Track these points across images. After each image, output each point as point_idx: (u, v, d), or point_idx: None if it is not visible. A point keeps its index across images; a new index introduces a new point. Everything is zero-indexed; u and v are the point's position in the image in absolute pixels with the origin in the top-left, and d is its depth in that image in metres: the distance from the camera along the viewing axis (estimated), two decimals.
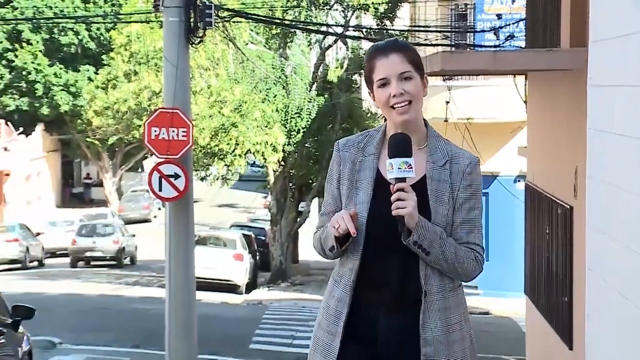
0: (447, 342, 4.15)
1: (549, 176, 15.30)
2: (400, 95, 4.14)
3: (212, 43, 38.98)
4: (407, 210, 3.97)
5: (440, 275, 4.14)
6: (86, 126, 57.07)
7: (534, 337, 16.90)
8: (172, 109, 15.51)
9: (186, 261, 15.84)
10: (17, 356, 12.52)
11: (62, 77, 58.03)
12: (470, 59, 17.83)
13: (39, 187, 64.24)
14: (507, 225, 28.37)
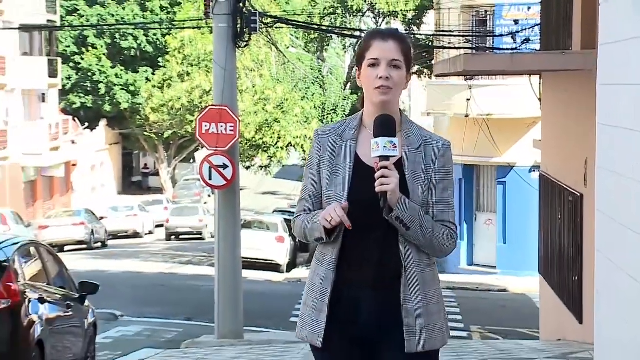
0: (427, 313, 4.03)
1: (561, 167, 15.22)
2: (386, 79, 4.03)
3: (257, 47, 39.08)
4: (391, 187, 3.87)
5: (418, 251, 4.03)
6: (144, 121, 57.29)
7: (547, 312, 16.84)
8: (220, 106, 15.52)
9: (233, 243, 15.87)
10: (84, 327, 12.59)
11: (123, 78, 58.28)
12: (490, 60, 17.76)
13: (102, 176, 64.58)
14: (523, 211, 28.27)
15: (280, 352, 12.40)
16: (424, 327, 4.02)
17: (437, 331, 4.05)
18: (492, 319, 21.94)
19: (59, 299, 11.77)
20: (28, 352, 10.44)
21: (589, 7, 12.61)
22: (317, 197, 4.16)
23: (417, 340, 4.00)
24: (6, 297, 10.23)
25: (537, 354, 11.60)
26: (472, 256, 32.92)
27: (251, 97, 45.35)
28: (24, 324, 10.39)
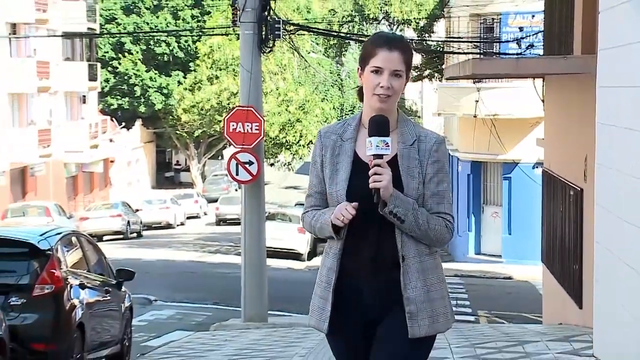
0: (429, 299, 3.96)
1: (563, 163, 15.16)
2: (387, 89, 3.98)
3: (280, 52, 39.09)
4: (383, 184, 3.83)
5: (416, 242, 3.96)
6: (176, 121, 57.41)
7: (549, 298, 16.79)
8: (247, 107, 15.53)
9: (258, 233, 15.88)
10: (121, 311, 12.63)
11: (157, 81, 58.41)
12: (497, 64, 17.70)
13: (137, 171, 64.75)
14: (527, 205, 28.18)
15: (302, 335, 12.41)
16: (426, 314, 3.96)
17: (440, 316, 4.00)
18: (498, 304, 21.89)
19: (98, 284, 11.81)
20: (70, 333, 10.48)
21: (589, 15, 12.57)
22: (323, 193, 4.12)
23: (420, 326, 3.96)
24: (50, 283, 10.28)
25: (540, 337, 11.55)
26: (480, 246, 32.89)
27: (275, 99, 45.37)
28: (66, 308, 10.43)
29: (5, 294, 9.95)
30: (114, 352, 12.27)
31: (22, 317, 10.03)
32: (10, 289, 10.10)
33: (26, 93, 44.65)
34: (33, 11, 44.50)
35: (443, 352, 10.32)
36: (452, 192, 4.15)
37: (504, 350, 10.36)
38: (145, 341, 15.28)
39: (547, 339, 11.15)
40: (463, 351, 10.36)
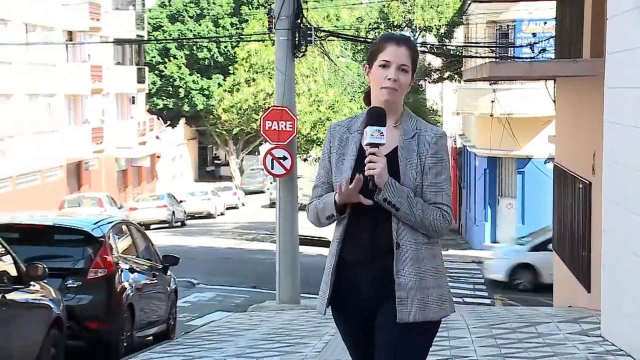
0: (420, 287, 3.76)
1: (572, 158, 15.08)
2: (394, 81, 3.85)
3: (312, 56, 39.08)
4: (377, 171, 3.69)
5: (413, 230, 3.78)
6: (216, 120, 57.53)
7: (560, 283, 16.72)
8: (281, 107, 15.53)
9: (291, 222, 15.88)
10: (167, 293, 12.70)
11: (199, 83, 58.56)
12: (511, 67, 17.64)
13: (181, 166, 65.00)
14: (539, 197, 28.05)
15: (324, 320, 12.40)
16: (416, 300, 3.76)
17: (431, 304, 3.79)
18: (512, 288, 21.80)
19: (146, 269, 11.88)
20: (120, 313, 10.55)
21: (597, 22, 12.49)
22: (329, 184, 4.00)
23: (409, 312, 3.75)
24: (102, 267, 10.35)
25: (551, 318, 11.50)
26: (495, 234, 32.80)
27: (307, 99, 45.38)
28: (117, 290, 10.50)
29: (63, 277, 10.03)
30: (160, 330, 12.34)
31: (78, 298, 10.11)
32: (67, 272, 10.18)
33: (81, 94, 44.93)
34: (87, 20, 44.76)
35: (461, 332, 10.30)
36: (450, 184, 3.94)
37: (517, 330, 10.33)
38: (189, 321, 15.34)
39: (557, 321, 11.10)
40: (480, 331, 10.34)
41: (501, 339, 9.74)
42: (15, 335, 8.18)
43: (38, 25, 39.82)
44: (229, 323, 12.94)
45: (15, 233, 10.29)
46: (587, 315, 11.34)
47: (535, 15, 27.41)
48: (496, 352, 8.85)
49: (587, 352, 8.66)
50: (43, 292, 8.94)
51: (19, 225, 10.93)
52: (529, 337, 9.81)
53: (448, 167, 3.91)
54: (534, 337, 9.75)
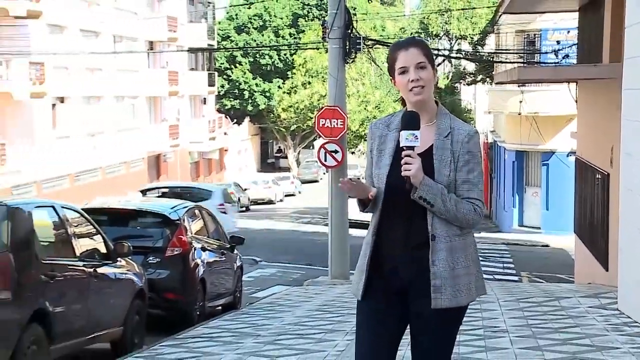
0: (452, 276, 3.60)
1: (592, 152, 14.88)
2: (417, 80, 3.65)
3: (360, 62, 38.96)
4: (412, 172, 3.53)
5: (447, 224, 3.61)
6: (276, 118, 57.74)
7: (580, 262, 16.52)
8: (333, 106, 15.53)
9: (342, 208, 15.88)
10: (233, 269, 12.79)
11: (261, 86, 58.77)
12: (538, 71, 17.43)
13: (246, 158, 65.32)
14: (562, 186, 27.76)
15: None
16: (449, 288, 3.60)
17: (462, 291, 3.63)
18: (537, 267, 21.60)
19: (215, 248, 11.97)
20: (194, 286, 10.64)
21: (616, 30, 12.30)
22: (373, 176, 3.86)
23: (443, 299, 3.59)
24: (178, 246, 10.45)
25: (573, 293, 11.38)
26: (522, 219, 32.54)
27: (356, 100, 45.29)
28: (191, 266, 10.60)
29: (145, 254, 10.15)
30: (228, 301, 12.43)
31: (157, 272, 10.22)
32: (148, 250, 10.30)
33: (160, 96, 45.33)
34: (166, 31, 45.12)
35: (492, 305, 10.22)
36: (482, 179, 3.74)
37: (542, 304, 10.23)
38: (252, 293, 15.42)
39: (578, 296, 10.98)
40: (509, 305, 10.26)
41: (528, 311, 9.66)
42: (106, 304, 8.30)
43: (124, 36, 40.23)
44: (287, 295, 12.99)
45: (105, 216, 10.43)
46: (605, 291, 11.20)
47: (559, 25, 27.05)
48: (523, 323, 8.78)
49: (605, 323, 8.56)
50: (128, 267, 9.05)
51: (107, 209, 11.08)
52: (553, 309, 9.72)
53: (480, 164, 3.74)
54: (557, 310, 9.65)
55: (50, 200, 8.55)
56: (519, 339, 7.80)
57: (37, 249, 7.07)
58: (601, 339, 7.70)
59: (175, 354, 7.85)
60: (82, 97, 36.00)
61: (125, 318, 8.74)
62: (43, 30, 32.62)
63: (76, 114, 35.22)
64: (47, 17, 32.29)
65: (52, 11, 32.63)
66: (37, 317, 6.84)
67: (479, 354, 7.15)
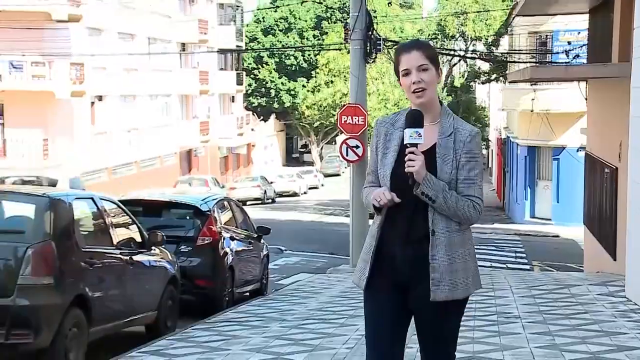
0: (451, 270, 3.53)
1: (601, 147, 14.76)
2: (418, 83, 3.56)
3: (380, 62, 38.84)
4: (415, 169, 3.46)
5: (447, 219, 3.54)
6: (301, 115, 57.75)
7: (589, 252, 16.41)
8: (355, 104, 15.50)
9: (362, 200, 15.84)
10: (260, 257, 12.81)
11: (286, 85, 58.79)
12: (549, 71, 17.31)
13: (272, 153, 65.39)
14: (572, 179, 27.60)
15: None
16: (447, 281, 3.53)
17: (459, 285, 3.56)
18: (548, 256, 21.47)
19: (243, 237, 11.99)
20: (223, 273, 10.68)
21: (625, 31, 12.18)
22: (377, 172, 3.76)
23: (441, 291, 3.52)
24: (208, 236, 10.48)
25: (582, 281, 11.30)
26: (534, 211, 32.36)
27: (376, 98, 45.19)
28: (220, 254, 10.63)
29: (177, 243, 10.19)
30: (255, 288, 12.46)
31: (189, 260, 10.26)
32: (180, 239, 10.33)
33: (191, 95, 45.47)
34: (197, 34, 45.23)
35: (505, 292, 10.18)
36: (482, 178, 3.64)
37: (553, 291, 10.18)
38: (278, 280, 15.44)
39: (588, 284, 10.90)
40: (522, 292, 10.21)
41: (539, 298, 9.61)
42: (141, 289, 8.35)
43: (158, 38, 40.37)
44: (311, 282, 13.01)
45: (140, 207, 10.48)
46: (613, 279, 11.13)
47: (570, 27, 26.84)
48: (535, 309, 8.74)
49: (613, 310, 8.51)
50: (161, 255, 9.10)
51: (142, 200, 11.13)
52: (563, 297, 9.67)
53: (480, 163, 3.68)
54: (567, 297, 9.60)
55: (89, 192, 8.61)
56: (531, 324, 7.77)
57: (77, 237, 7.12)
58: (609, 324, 7.66)
59: (206, 337, 7.89)
60: (119, 95, 36.19)
61: (159, 303, 8.79)
62: (83, 33, 32.81)
63: (113, 112, 35.42)
64: (87, 20, 32.47)
65: (91, 15, 32.80)
66: (78, 302, 6.89)
67: (493, 338, 7.13)
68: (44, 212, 6.83)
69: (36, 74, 30.53)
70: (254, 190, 42.31)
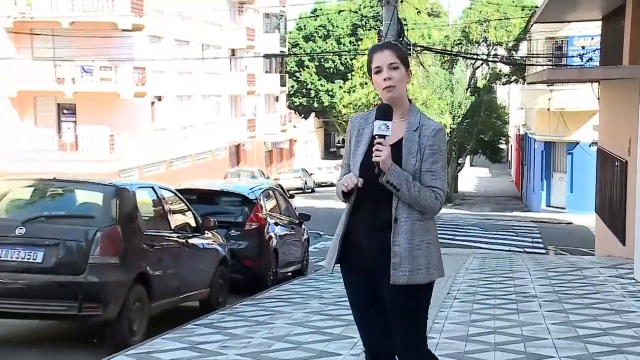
0: (411, 256, 3.35)
1: (612, 142, 14.55)
2: (389, 79, 3.43)
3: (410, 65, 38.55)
4: (382, 158, 3.31)
5: (410, 208, 3.37)
6: (338, 114, 57.58)
7: (600, 237, 16.19)
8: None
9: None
10: (301, 241, 12.83)
11: (325, 86, 58.76)
12: (565, 73, 17.08)
13: (311, 147, 65.42)
14: (585, 172, 27.21)
15: None
16: (407, 266, 3.34)
17: (420, 270, 3.37)
18: (562, 241, 21.23)
19: (286, 223, 12.02)
20: (268, 255, 10.72)
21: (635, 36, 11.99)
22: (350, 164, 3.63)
23: (400, 276, 3.34)
24: (255, 221, 10.53)
25: (594, 264, 11.17)
26: (550, 200, 32.04)
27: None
28: (266, 238, 10.67)
29: (227, 227, 10.24)
30: (296, 269, 12.49)
31: (238, 243, 10.32)
32: (230, 224, 10.39)
33: (240, 95, 45.67)
34: (245, 40, 45.39)
35: (523, 274, 10.10)
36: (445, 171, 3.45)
37: (567, 273, 10.07)
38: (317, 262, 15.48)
39: (599, 266, 10.77)
40: (538, 274, 10.12)
41: (554, 279, 9.52)
42: (195, 269, 8.42)
43: (210, 45, 40.59)
44: None
45: (194, 195, 10.55)
46: (623, 262, 10.98)
47: (584, 33, 26.44)
48: (550, 290, 8.66)
49: (622, 290, 8.41)
50: (213, 239, 9.16)
51: (196, 189, 11.20)
52: (577, 278, 9.56)
53: (444, 157, 3.48)
54: (580, 279, 9.49)
55: (150, 182, 8.70)
56: (547, 303, 7.71)
57: (139, 222, 7.19)
58: (619, 304, 7.57)
59: (253, 311, 7.94)
60: (175, 96, 36.47)
61: (212, 281, 8.86)
62: (144, 41, 33.11)
63: (170, 110, 35.72)
64: (148, 29, 32.77)
65: (152, 24, 33.09)
66: (140, 279, 6.98)
67: (512, 315, 7.09)
68: (110, 200, 6.93)
69: (104, 77, 30.93)
70: (296, 181, 42.42)
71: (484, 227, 25.02)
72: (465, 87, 40.04)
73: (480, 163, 61.58)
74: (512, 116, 51.51)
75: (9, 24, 30.77)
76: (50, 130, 31.83)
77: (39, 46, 31.41)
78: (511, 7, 37.74)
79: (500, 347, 5.76)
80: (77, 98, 31.30)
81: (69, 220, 6.81)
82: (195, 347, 6.13)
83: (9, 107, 31.53)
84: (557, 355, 5.50)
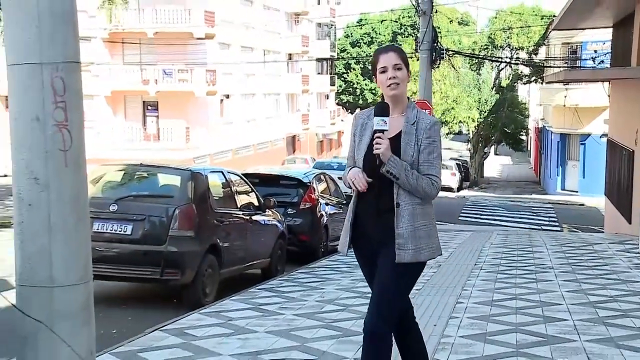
0: (414, 236, 3.26)
1: (621, 134, 14.16)
2: (393, 78, 3.33)
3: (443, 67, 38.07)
4: (381, 150, 3.22)
5: (410, 194, 3.27)
6: None
7: (609, 217, 15.82)
8: (422, 100, 15.28)
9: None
10: None
11: (369, 86, 58.46)
12: (579, 73, 16.67)
13: None
14: (596, 160, 26.60)
15: (452, 237, 12.26)
16: (411, 246, 3.26)
17: (423, 249, 3.28)
18: (575, 220, 20.80)
19: (335, 203, 12.03)
20: (320, 230, 10.75)
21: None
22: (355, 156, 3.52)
23: (405, 255, 3.25)
24: (308, 202, 10.57)
25: (603, 240, 10.93)
26: (564, 184, 31.45)
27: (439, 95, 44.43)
28: (318, 216, 10.70)
29: (285, 207, 10.30)
30: None
31: (294, 220, 10.37)
32: (287, 204, 10.44)
33: (295, 93, 45.75)
34: (300, 46, 45.40)
35: (541, 248, 9.94)
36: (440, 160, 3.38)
37: (580, 248, 9.89)
38: None
39: (608, 242, 10.54)
40: (554, 248, 9.95)
41: (568, 253, 9.35)
42: (258, 241, 8.50)
43: (271, 50, 40.73)
44: None
45: (257, 179, 10.62)
46: (629, 239, 10.72)
47: (596, 38, 25.74)
48: (565, 262, 8.52)
49: (629, 263, 8.24)
50: (273, 216, 9.22)
51: (258, 174, 11.28)
52: (588, 252, 9.38)
53: (439, 147, 3.36)
54: (591, 253, 9.31)
55: (220, 167, 8.80)
56: (562, 274, 7.59)
57: (211, 201, 7.28)
58: (626, 275, 7.42)
59: (307, 278, 7.99)
60: (241, 94, 36.75)
61: (272, 252, 8.92)
62: (215, 47, 33.41)
63: (237, 107, 36.02)
64: (218, 37, 33.07)
65: (222, 33, 33.37)
66: (211, 250, 7.07)
67: (531, 284, 7.01)
68: (187, 182, 7.03)
69: (181, 79, 31.40)
70: None
71: (507, 207, 24.69)
72: (490, 86, 39.40)
73: (504, 152, 60.65)
74: (531, 111, 50.50)
75: (105, 35, 31.47)
76: (137, 124, 32.48)
77: (128, 53, 32.10)
78: (532, 16, 37.04)
79: (520, 311, 5.72)
80: (159, 96, 31.86)
81: (153, 199, 6.92)
82: (258, 307, 6.21)
83: (105, 105, 32.29)
84: (570, 319, 5.43)
